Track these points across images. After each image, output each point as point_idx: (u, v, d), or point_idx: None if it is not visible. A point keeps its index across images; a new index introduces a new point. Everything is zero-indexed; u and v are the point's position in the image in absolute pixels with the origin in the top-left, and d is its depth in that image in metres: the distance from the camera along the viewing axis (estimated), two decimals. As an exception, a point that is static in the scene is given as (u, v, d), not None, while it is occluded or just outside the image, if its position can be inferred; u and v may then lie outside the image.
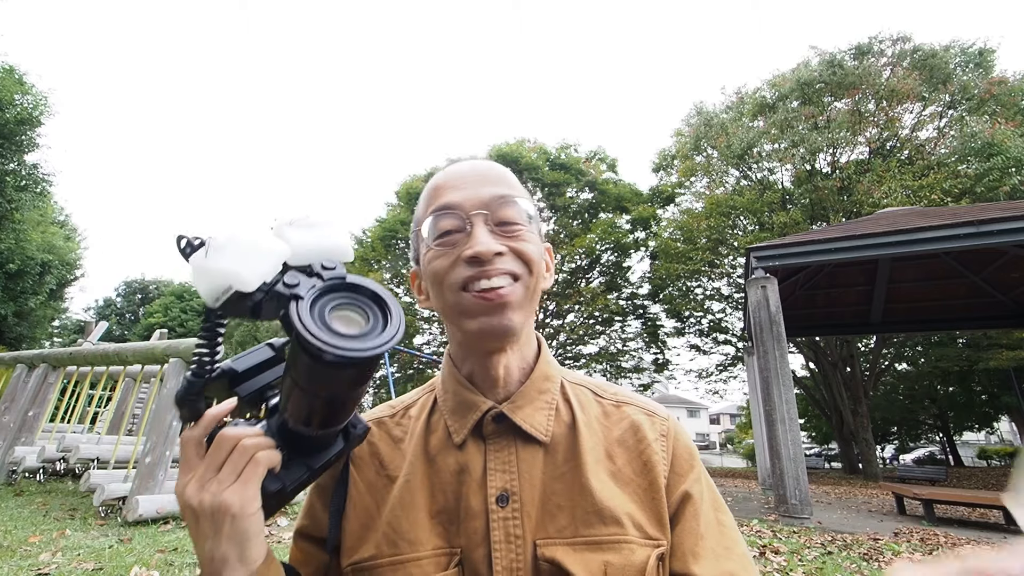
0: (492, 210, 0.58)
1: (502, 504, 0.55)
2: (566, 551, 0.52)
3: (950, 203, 13.38)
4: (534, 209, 0.62)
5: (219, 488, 0.43)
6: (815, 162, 16.42)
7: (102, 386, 8.33)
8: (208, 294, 0.40)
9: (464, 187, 0.60)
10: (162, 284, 42.97)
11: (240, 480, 0.43)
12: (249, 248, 0.41)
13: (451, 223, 0.58)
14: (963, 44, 16.12)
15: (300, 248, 0.44)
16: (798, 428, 6.48)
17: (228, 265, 0.39)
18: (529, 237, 0.59)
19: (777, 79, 17.67)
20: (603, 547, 0.52)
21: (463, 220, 0.58)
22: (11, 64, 15.18)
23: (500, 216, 0.58)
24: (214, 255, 0.40)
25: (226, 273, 0.39)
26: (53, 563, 3.06)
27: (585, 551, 0.52)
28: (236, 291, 0.39)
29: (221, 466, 0.44)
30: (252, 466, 0.44)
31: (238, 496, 0.43)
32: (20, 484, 6.08)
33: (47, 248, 19.22)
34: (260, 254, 0.41)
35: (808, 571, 3.76)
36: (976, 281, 9.93)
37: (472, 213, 0.57)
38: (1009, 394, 20.37)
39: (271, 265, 0.41)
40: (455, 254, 0.57)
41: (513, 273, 0.56)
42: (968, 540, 5.37)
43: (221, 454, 0.44)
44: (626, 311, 19.97)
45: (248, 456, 0.44)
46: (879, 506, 8.59)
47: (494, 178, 0.61)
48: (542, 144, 20.59)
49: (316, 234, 0.45)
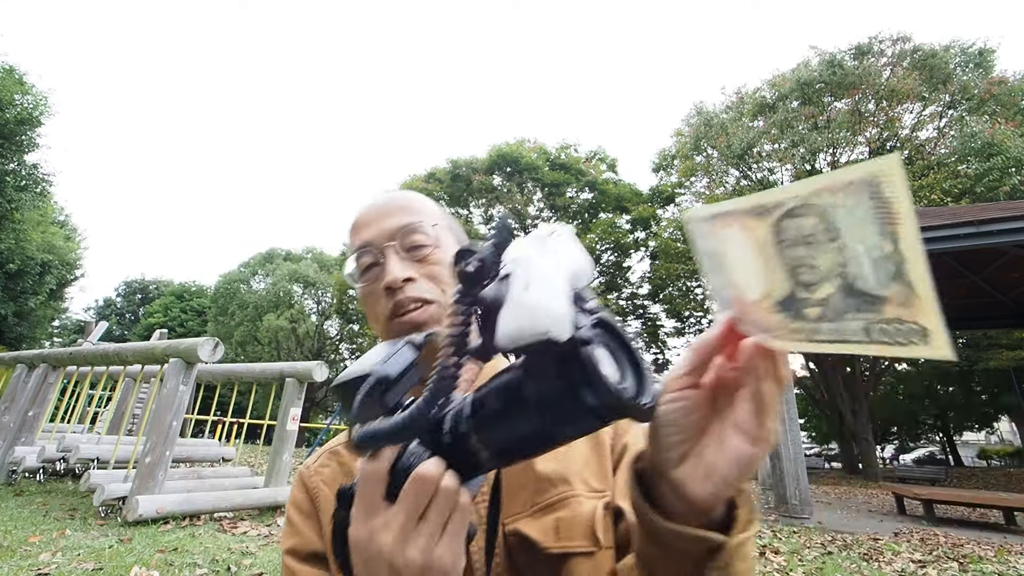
0: (400, 239, 0.64)
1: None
2: (526, 521, 0.55)
3: (950, 203, 13.39)
4: (439, 221, 0.68)
5: (429, 544, 0.37)
6: (815, 162, 16.43)
7: (102, 386, 8.33)
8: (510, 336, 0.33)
9: (372, 223, 0.66)
10: (162, 284, 42.99)
11: (448, 533, 0.37)
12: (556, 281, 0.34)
13: (368, 259, 0.65)
14: (963, 44, 16.13)
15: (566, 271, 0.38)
16: (798, 428, 6.48)
17: (549, 303, 0.32)
18: (438, 257, 0.65)
19: (777, 79, 17.68)
20: (554, 507, 0.56)
21: (376, 254, 0.64)
22: (11, 64, 15.21)
23: (407, 243, 0.64)
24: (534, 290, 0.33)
25: (548, 314, 0.32)
26: (53, 563, 3.06)
27: (541, 516, 0.55)
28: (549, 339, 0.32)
29: (423, 514, 0.37)
30: (460, 515, 0.38)
31: (450, 553, 0.37)
32: (20, 484, 6.08)
33: (47, 248, 19.22)
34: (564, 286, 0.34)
35: (808, 571, 3.76)
36: (976, 281, 9.92)
37: (384, 246, 0.64)
38: (1009, 394, 20.37)
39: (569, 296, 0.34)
40: (378, 288, 0.63)
41: (422, 299, 0.62)
42: (968, 540, 5.37)
43: (422, 500, 0.37)
44: (626, 311, 19.96)
45: (453, 502, 0.38)
46: (879, 506, 8.59)
47: (395, 210, 0.67)
48: (542, 144, 20.60)
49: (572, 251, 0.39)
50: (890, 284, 0.25)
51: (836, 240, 0.27)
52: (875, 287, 0.26)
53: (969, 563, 4.23)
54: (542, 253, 0.37)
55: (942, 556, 4.48)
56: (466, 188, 20.08)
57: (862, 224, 0.26)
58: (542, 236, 0.39)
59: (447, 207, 20.67)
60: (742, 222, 0.33)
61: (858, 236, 0.26)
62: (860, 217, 0.26)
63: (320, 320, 27.62)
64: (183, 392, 4.95)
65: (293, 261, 29.21)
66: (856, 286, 0.27)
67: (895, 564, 4.12)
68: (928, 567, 4.05)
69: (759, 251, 0.32)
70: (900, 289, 0.25)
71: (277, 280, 27.01)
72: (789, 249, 0.30)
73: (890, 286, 0.25)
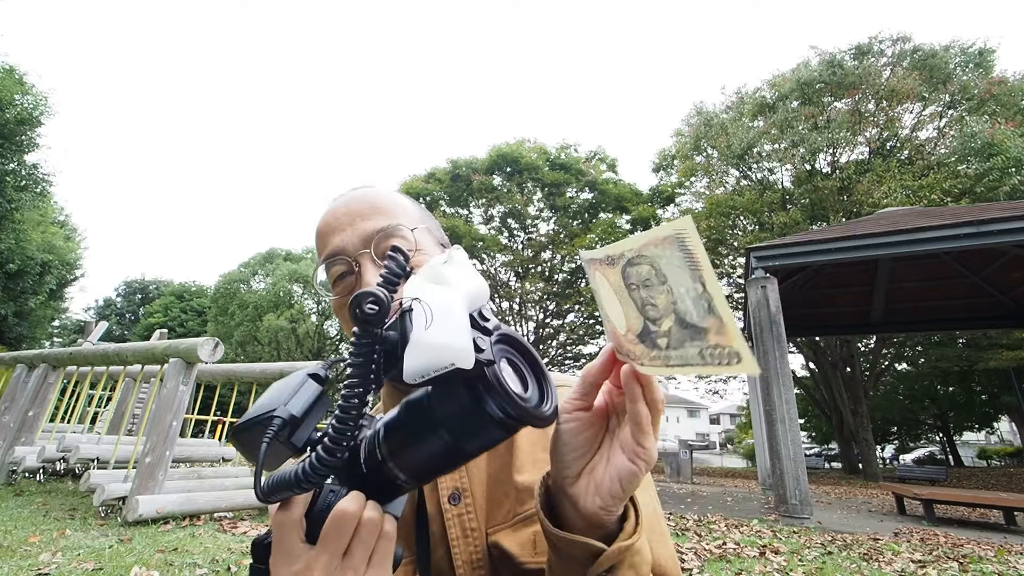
0: (375, 245, 0.59)
1: (455, 502, 0.57)
2: (506, 533, 0.55)
3: (950, 203, 13.39)
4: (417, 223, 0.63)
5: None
6: (815, 162, 16.43)
7: (102, 386, 8.32)
8: (417, 372, 0.34)
9: (343, 228, 0.60)
10: (162, 284, 42.98)
11: (373, 564, 0.38)
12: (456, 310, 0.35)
13: (340, 268, 0.60)
14: (963, 44, 16.13)
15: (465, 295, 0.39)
16: (798, 428, 6.48)
17: (452, 339, 0.34)
18: (419, 261, 0.59)
19: (777, 79, 17.67)
20: (532, 520, 0.55)
21: (349, 263, 0.59)
22: (11, 64, 15.21)
23: (383, 249, 0.59)
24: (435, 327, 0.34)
25: (452, 349, 0.33)
26: (53, 563, 3.05)
27: (521, 527, 0.55)
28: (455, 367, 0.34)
29: (347, 550, 0.37)
30: (384, 544, 0.38)
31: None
32: (20, 484, 6.08)
33: (47, 248, 19.22)
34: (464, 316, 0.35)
35: (808, 571, 3.76)
36: (976, 281, 9.93)
37: (357, 255, 0.59)
38: (1009, 394, 20.36)
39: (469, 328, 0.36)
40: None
41: None
42: (968, 540, 5.37)
43: (344, 537, 0.37)
44: (626, 311, 19.96)
45: (376, 534, 0.38)
46: (879, 506, 8.59)
47: (368, 211, 0.61)
48: (542, 144, 20.60)
49: (467, 275, 0.40)
50: (707, 317, 0.30)
51: (665, 283, 0.33)
52: (698, 320, 0.31)
53: (969, 563, 4.22)
54: (440, 284, 0.38)
55: (942, 556, 4.48)
56: (466, 188, 20.07)
57: (679, 270, 0.31)
58: (437, 265, 0.40)
59: (447, 207, 20.68)
60: (601, 269, 0.38)
61: (679, 280, 0.31)
62: (677, 265, 0.31)
63: (320, 320, 27.60)
64: (183, 392, 4.94)
65: (293, 261, 29.18)
66: (686, 320, 0.32)
67: (895, 564, 4.12)
68: (928, 567, 4.05)
69: (615, 293, 0.38)
70: (714, 321, 0.30)
71: (277, 280, 26.98)
72: (635, 291, 0.35)
73: (707, 319, 0.30)
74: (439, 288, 0.37)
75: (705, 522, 5.84)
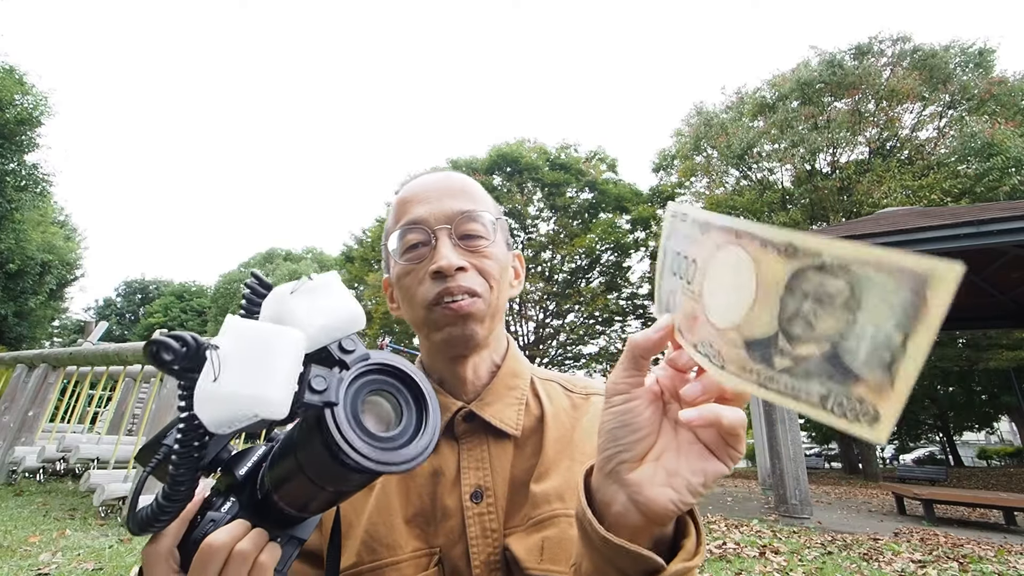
0: (456, 224, 0.60)
1: (476, 500, 0.57)
2: (518, 536, 0.54)
3: (950, 203, 13.39)
4: (497, 215, 0.65)
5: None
6: (815, 162, 16.43)
7: (102, 386, 8.32)
8: (220, 424, 0.31)
9: (429, 201, 0.62)
10: (162, 284, 43.00)
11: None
12: (267, 354, 0.31)
13: (417, 237, 0.61)
14: (963, 44, 16.13)
15: (311, 328, 0.35)
16: (798, 428, 6.48)
17: (252, 389, 0.30)
18: (492, 252, 0.62)
19: (777, 79, 17.67)
20: (543, 525, 0.54)
21: (428, 234, 0.60)
22: (11, 64, 15.22)
23: (463, 230, 0.61)
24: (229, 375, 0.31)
25: (252, 400, 0.30)
26: (53, 563, 3.06)
27: (532, 532, 0.54)
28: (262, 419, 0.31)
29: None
30: (257, 574, 0.37)
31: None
32: (20, 484, 6.08)
33: (47, 248, 19.21)
34: (282, 359, 0.32)
35: (808, 571, 3.76)
36: (976, 281, 9.92)
37: (437, 228, 0.60)
38: (1009, 394, 20.36)
39: (295, 371, 0.32)
40: (422, 270, 0.59)
41: (472, 291, 0.58)
42: (968, 540, 5.37)
43: (213, 568, 0.36)
44: (626, 311, 19.96)
45: (248, 565, 0.37)
46: (879, 506, 8.60)
47: (457, 192, 0.64)
48: (542, 144, 20.60)
49: (323, 304, 0.37)
50: (876, 370, 0.25)
51: (852, 312, 0.26)
52: (860, 367, 0.25)
53: (969, 563, 4.22)
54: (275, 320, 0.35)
55: (942, 556, 4.48)
56: (466, 188, 20.03)
57: (887, 310, 0.24)
58: (283, 296, 0.37)
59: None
60: (754, 250, 0.30)
61: (875, 318, 0.25)
62: (889, 304, 0.24)
63: (320, 320, 27.61)
64: (183, 392, 4.94)
65: (293, 261, 29.22)
66: (843, 359, 0.26)
67: (895, 564, 4.12)
68: (928, 567, 4.05)
69: (758, 285, 0.30)
70: (882, 379, 0.24)
71: (277, 280, 26.63)
72: (795, 297, 0.28)
73: (874, 372, 0.25)
74: (260, 328, 0.33)
75: (705, 522, 5.84)
